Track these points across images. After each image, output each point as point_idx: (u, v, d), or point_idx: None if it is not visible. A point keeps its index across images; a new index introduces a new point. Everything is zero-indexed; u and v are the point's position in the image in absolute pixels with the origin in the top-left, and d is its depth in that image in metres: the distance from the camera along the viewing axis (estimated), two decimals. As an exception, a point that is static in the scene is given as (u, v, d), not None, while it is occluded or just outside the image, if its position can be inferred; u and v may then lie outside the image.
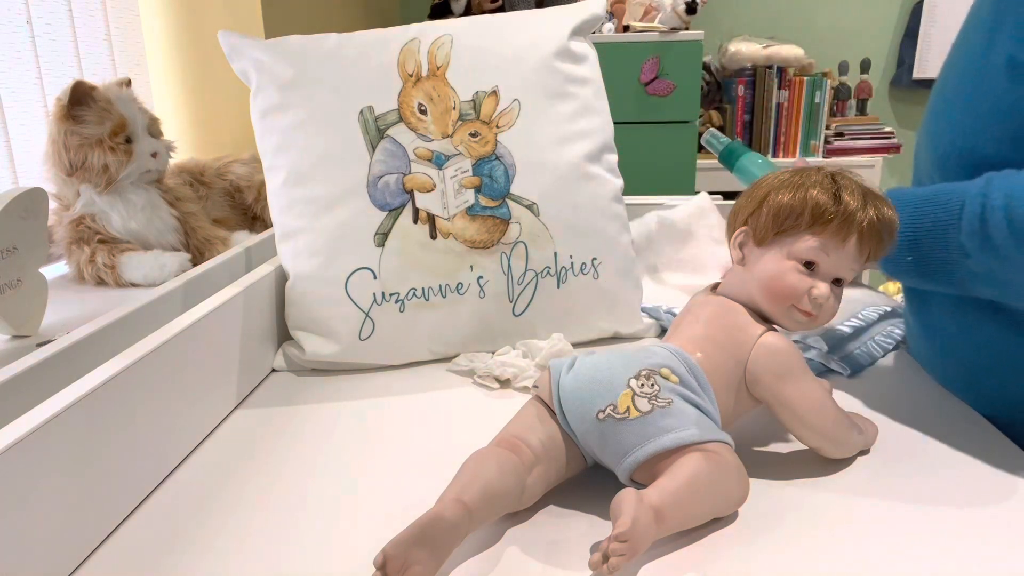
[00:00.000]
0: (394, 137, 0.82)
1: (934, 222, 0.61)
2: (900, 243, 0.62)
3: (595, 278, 0.85)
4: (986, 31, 0.62)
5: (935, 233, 0.61)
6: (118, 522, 0.56)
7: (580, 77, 0.87)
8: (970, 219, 0.57)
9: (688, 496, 0.50)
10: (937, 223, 0.61)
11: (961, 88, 0.64)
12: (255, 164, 1.35)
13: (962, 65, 0.65)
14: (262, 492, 0.60)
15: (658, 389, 0.55)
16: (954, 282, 0.62)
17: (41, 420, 0.48)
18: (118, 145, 1.05)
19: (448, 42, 0.84)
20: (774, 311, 0.60)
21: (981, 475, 0.59)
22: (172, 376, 0.64)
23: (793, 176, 0.61)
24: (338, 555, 0.51)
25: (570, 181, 0.84)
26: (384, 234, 0.81)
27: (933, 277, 0.63)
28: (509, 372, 0.77)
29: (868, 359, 0.80)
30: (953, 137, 0.64)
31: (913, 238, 0.63)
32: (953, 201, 0.59)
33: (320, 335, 0.82)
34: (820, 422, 0.59)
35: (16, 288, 0.82)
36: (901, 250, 0.63)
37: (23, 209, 0.82)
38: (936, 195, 0.62)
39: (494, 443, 0.56)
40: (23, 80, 1.23)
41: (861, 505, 0.55)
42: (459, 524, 0.48)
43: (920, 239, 0.62)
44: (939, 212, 0.60)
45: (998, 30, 0.60)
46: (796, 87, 2.45)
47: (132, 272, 1.05)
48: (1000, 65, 0.60)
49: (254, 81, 0.84)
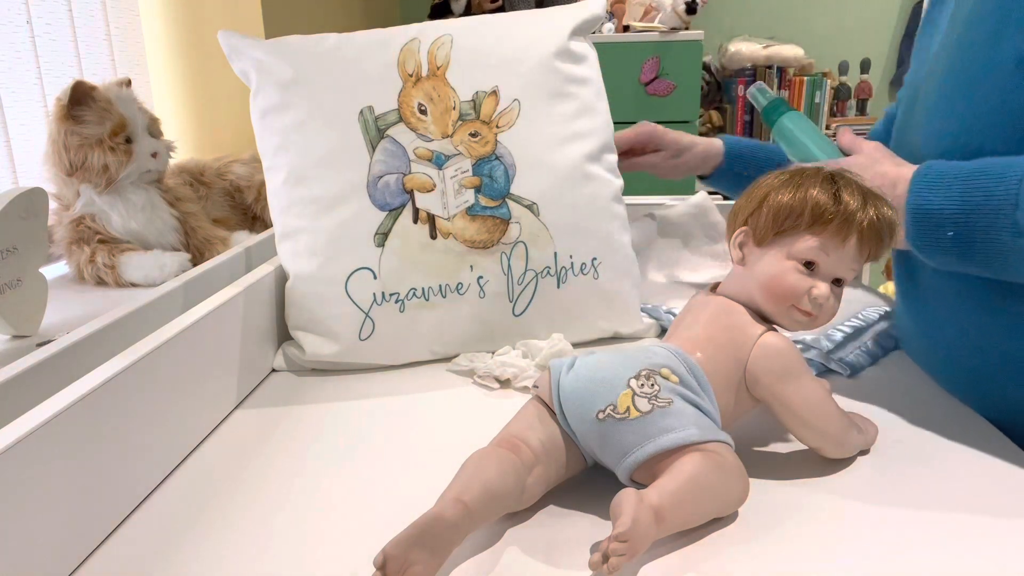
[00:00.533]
0: (394, 137, 0.82)
1: (985, 196, 0.58)
2: (942, 218, 0.60)
3: (595, 278, 0.85)
4: (991, 28, 0.61)
5: (986, 208, 0.58)
6: (118, 522, 0.56)
7: (580, 77, 0.87)
8: None
9: (688, 496, 0.50)
10: (990, 197, 0.58)
11: (964, 85, 0.63)
12: (255, 164, 1.35)
13: (964, 62, 0.64)
14: (262, 492, 0.60)
15: (658, 389, 0.55)
16: (998, 263, 0.59)
17: (41, 420, 0.48)
18: (118, 145, 1.05)
19: (448, 42, 0.84)
20: (774, 311, 0.60)
21: (981, 475, 0.59)
22: (172, 376, 0.64)
23: (793, 176, 0.61)
24: (338, 555, 0.51)
25: (570, 181, 0.84)
26: (384, 234, 0.81)
27: (974, 257, 0.60)
28: (509, 372, 0.77)
29: (868, 359, 0.80)
30: (957, 134, 0.63)
31: (959, 213, 0.59)
32: (1009, 175, 0.57)
33: (320, 335, 0.82)
34: (820, 422, 0.59)
35: (16, 288, 0.82)
36: (942, 226, 0.60)
37: (23, 209, 0.82)
38: (987, 168, 0.59)
39: (494, 443, 0.56)
40: (23, 80, 1.23)
41: (861, 505, 0.55)
42: (459, 524, 0.48)
43: (968, 214, 0.59)
44: (991, 185, 0.58)
45: (1004, 27, 0.60)
46: (796, 87, 2.45)
47: (132, 272, 1.05)
48: (1008, 62, 0.59)
49: (254, 81, 0.84)
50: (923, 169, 0.63)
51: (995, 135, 0.60)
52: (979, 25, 0.63)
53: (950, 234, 0.60)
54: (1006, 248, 0.58)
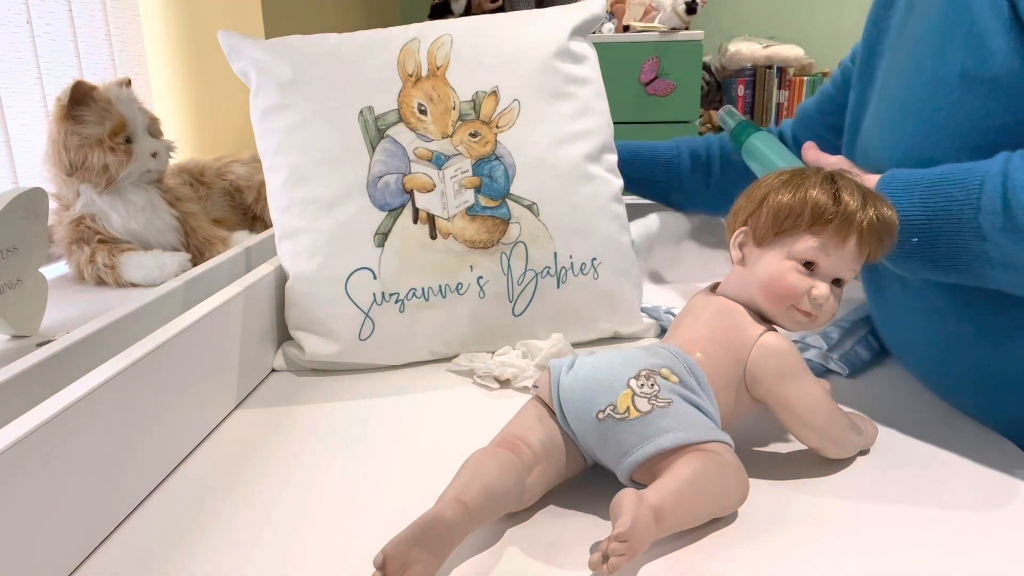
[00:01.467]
0: (394, 137, 0.82)
1: (948, 201, 0.58)
2: (906, 225, 0.60)
3: (595, 278, 0.85)
4: (936, 44, 0.62)
5: (950, 213, 0.58)
6: (118, 522, 0.56)
7: (580, 77, 0.87)
8: (991, 198, 0.56)
9: (688, 496, 0.50)
10: (952, 202, 0.58)
11: (914, 99, 0.64)
12: (255, 164, 1.35)
13: (911, 76, 0.65)
14: (262, 492, 0.60)
15: (658, 389, 0.55)
16: (963, 268, 0.60)
17: (41, 420, 0.48)
18: (118, 145, 1.05)
19: (448, 42, 0.84)
20: (774, 311, 0.60)
21: (981, 475, 0.59)
22: (172, 376, 0.64)
23: (793, 176, 0.61)
24: (338, 555, 0.51)
25: (570, 181, 0.84)
26: (384, 234, 0.81)
27: (939, 263, 0.61)
28: (509, 372, 0.77)
29: (868, 352, 0.80)
30: (909, 147, 0.64)
31: (923, 219, 0.60)
32: (971, 180, 0.57)
33: (320, 335, 0.82)
34: (820, 422, 0.59)
35: (16, 288, 0.82)
36: (906, 232, 0.61)
37: (23, 209, 0.82)
38: (950, 174, 0.59)
39: (494, 443, 0.56)
40: (23, 80, 1.24)
41: (861, 505, 0.55)
42: (459, 524, 0.48)
43: (931, 220, 0.60)
44: (954, 191, 0.58)
45: (948, 43, 0.61)
46: (796, 87, 2.45)
47: (132, 272, 1.05)
48: (953, 77, 0.60)
49: (254, 81, 0.84)
50: (887, 177, 0.63)
51: (947, 147, 0.61)
52: (925, 41, 0.64)
53: (915, 240, 0.61)
54: (970, 252, 0.58)
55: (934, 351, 0.69)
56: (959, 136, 0.60)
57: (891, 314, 0.74)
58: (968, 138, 0.60)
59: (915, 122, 0.64)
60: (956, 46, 0.60)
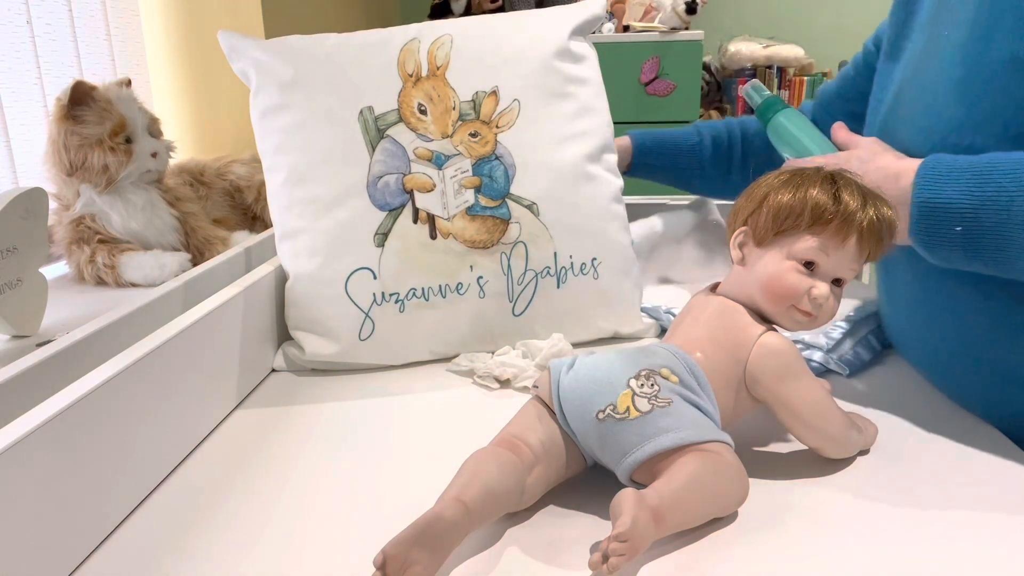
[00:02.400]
0: (394, 137, 0.82)
1: (998, 191, 0.57)
2: (951, 212, 0.59)
3: (595, 278, 0.85)
4: (983, 28, 0.61)
5: (999, 204, 0.57)
6: (118, 522, 0.56)
7: (580, 77, 0.87)
8: None
9: (688, 496, 0.50)
10: (1002, 192, 0.57)
11: (955, 83, 0.63)
12: (255, 164, 1.35)
13: (951, 60, 0.63)
14: (262, 492, 0.60)
15: (658, 389, 0.55)
16: (1007, 261, 0.58)
17: (41, 420, 0.48)
18: (118, 145, 1.05)
19: (448, 42, 0.84)
20: (774, 311, 0.60)
21: (981, 474, 0.59)
22: (172, 376, 0.64)
23: (793, 176, 0.61)
24: (338, 555, 0.51)
25: (570, 181, 0.84)
26: (384, 234, 0.81)
27: (980, 253, 0.59)
28: (509, 372, 0.77)
29: (868, 353, 0.80)
30: (946, 133, 0.63)
31: (969, 208, 0.58)
32: (1021, 170, 0.56)
33: (320, 335, 0.82)
34: (820, 422, 0.59)
35: (16, 288, 0.82)
36: (950, 220, 0.59)
37: (23, 209, 0.82)
38: (999, 163, 0.58)
39: (494, 443, 0.56)
40: (23, 80, 1.23)
41: (861, 505, 0.55)
42: (459, 524, 0.48)
43: (977, 209, 0.57)
44: (1005, 181, 0.57)
45: (996, 28, 0.60)
46: (796, 87, 2.45)
47: (132, 272, 1.05)
48: (1002, 62, 0.59)
49: (254, 81, 0.84)
50: (930, 161, 0.61)
51: (989, 133, 0.60)
52: (969, 25, 0.63)
53: (958, 229, 0.59)
54: (1017, 244, 0.57)
55: (946, 344, 0.68)
56: (1003, 123, 0.59)
57: (902, 306, 0.73)
58: (1012, 125, 0.59)
59: (956, 107, 0.62)
60: (1005, 31, 0.59)
